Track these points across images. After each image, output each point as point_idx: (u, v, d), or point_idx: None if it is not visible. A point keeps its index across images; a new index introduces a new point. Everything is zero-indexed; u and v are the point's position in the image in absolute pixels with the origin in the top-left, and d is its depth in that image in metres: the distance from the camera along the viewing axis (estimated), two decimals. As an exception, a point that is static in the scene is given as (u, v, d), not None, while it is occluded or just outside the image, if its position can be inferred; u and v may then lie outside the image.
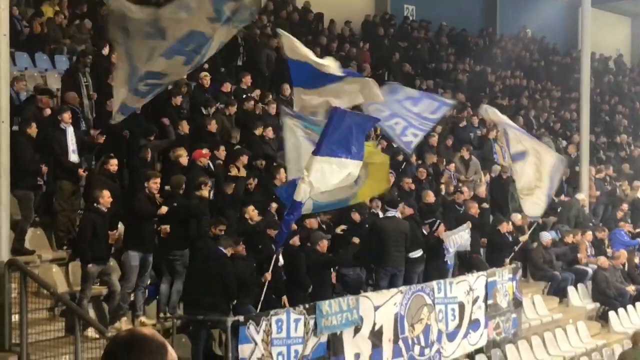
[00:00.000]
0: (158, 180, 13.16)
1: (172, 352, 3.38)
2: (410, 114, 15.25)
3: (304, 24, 25.98)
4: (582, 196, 22.88)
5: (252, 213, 14.27)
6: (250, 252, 13.50)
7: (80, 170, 13.84)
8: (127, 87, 10.79)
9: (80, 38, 18.72)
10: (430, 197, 17.87)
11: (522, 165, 16.89)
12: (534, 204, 17.18)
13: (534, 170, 16.87)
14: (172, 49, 10.48)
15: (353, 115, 12.74)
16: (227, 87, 18.79)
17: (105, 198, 12.38)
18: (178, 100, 16.78)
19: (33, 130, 13.38)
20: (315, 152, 12.12)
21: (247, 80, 19.07)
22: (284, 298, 13.51)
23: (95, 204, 12.42)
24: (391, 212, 16.04)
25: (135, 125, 15.55)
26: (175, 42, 10.43)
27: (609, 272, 20.42)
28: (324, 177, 12.10)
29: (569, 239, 21.05)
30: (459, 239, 16.69)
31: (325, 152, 12.11)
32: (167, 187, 13.70)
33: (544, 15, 35.44)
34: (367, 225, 15.93)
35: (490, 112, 18.18)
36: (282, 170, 15.36)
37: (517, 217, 19.58)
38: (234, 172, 15.44)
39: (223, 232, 13.14)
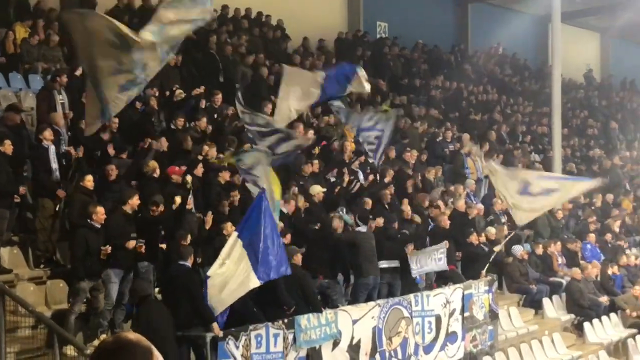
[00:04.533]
0: (136, 198, 13.18)
1: (158, 357, 3.43)
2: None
3: (278, 42, 26.12)
4: None
5: (230, 229, 14.21)
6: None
7: (60, 191, 13.84)
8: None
9: (54, 57, 18.71)
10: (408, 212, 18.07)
11: (539, 198, 17.03)
12: (525, 215, 17.35)
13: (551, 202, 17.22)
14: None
15: None
16: (202, 103, 18.85)
17: (99, 215, 12.45)
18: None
19: (7, 147, 13.35)
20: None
21: (218, 99, 19.15)
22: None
23: (88, 220, 12.47)
24: (362, 227, 16.12)
25: (110, 142, 15.61)
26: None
27: (582, 283, 20.63)
28: None
29: (539, 250, 21.26)
30: (426, 258, 16.48)
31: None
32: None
33: (515, 31, 35.79)
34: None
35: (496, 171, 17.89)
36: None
37: (491, 231, 19.75)
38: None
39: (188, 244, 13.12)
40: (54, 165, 13.88)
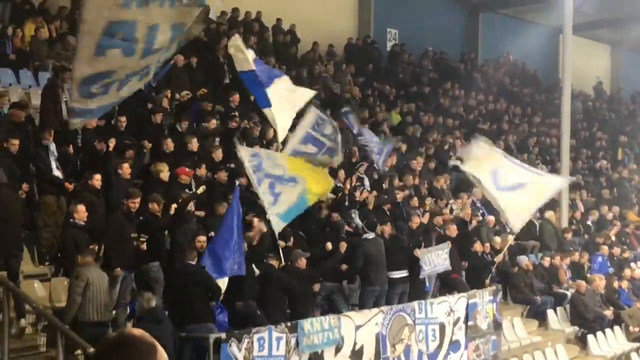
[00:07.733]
0: (138, 200, 13.15)
1: (162, 353, 3.42)
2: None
3: (288, 47, 26.15)
4: (550, 213, 22.96)
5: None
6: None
7: (67, 184, 13.85)
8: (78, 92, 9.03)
9: (65, 55, 18.72)
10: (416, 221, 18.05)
11: (516, 193, 16.86)
12: (518, 217, 17.23)
13: (529, 198, 16.99)
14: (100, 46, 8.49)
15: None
16: (208, 105, 18.80)
17: (81, 213, 12.44)
18: (158, 118, 16.83)
19: (12, 145, 13.41)
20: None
21: (235, 99, 19.11)
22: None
23: (72, 219, 12.46)
24: (370, 235, 16.10)
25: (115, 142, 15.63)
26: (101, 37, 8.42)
27: (588, 296, 20.53)
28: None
29: (546, 262, 21.19)
30: (435, 258, 16.65)
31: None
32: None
33: (526, 42, 35.74)
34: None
35: (480, 146, 17.84)
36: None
37: (496, 240, 19.70)
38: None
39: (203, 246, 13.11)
40: (55, 162, 13.88)
